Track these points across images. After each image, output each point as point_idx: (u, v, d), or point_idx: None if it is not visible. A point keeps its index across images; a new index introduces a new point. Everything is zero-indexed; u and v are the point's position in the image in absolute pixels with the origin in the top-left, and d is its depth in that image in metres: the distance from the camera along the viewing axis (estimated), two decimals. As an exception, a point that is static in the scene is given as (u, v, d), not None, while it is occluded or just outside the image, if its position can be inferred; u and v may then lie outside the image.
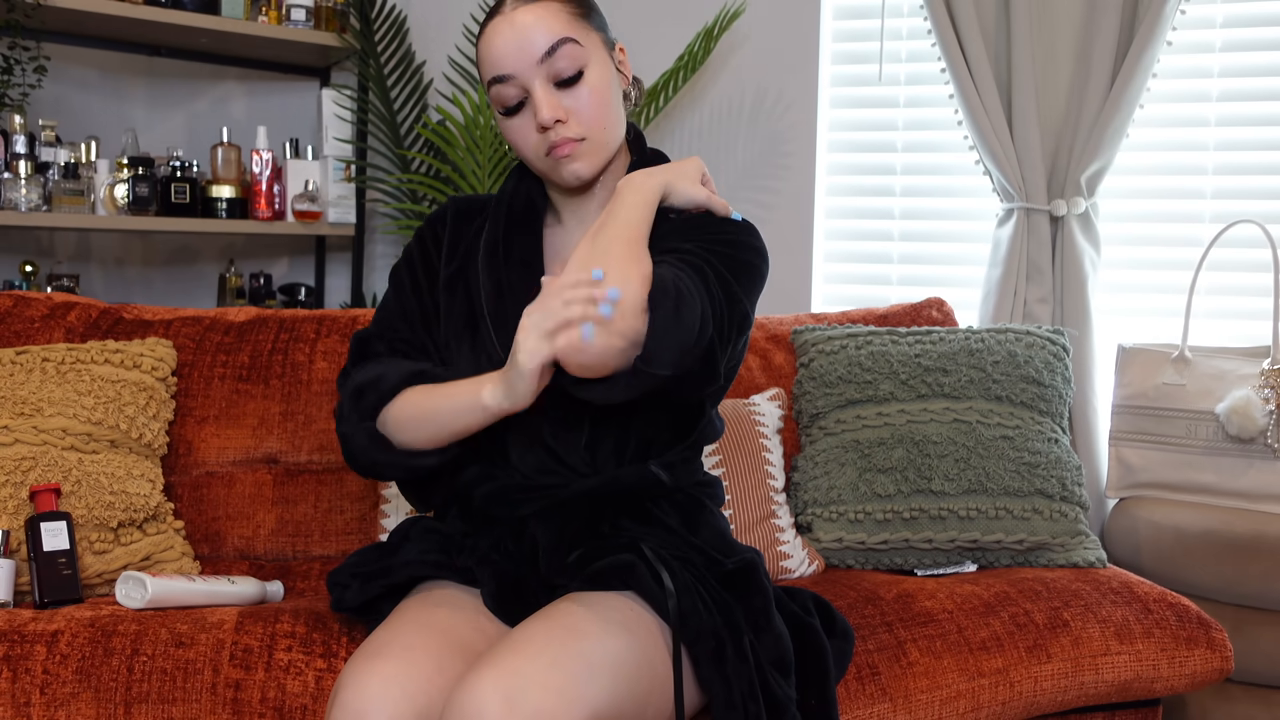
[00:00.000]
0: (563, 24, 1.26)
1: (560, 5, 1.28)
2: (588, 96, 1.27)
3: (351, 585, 1.37)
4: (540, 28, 1.25)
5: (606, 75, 1.30)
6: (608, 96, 1.29)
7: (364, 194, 2.92)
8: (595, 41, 1.30)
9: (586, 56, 1.27)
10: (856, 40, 2.72)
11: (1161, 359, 2.26)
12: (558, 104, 1.26)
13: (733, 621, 1.22)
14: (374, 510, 1.82)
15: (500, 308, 1.33)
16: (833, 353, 1.94)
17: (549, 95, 1.26)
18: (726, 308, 1.22)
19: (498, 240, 1.36)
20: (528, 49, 1.25)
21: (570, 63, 1.26)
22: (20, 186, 2.40)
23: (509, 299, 1.33)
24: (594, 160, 1.30)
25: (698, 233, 1.29)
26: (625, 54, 1.37)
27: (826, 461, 1.86)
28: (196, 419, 1.83)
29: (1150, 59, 2.35)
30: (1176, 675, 1.58)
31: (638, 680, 1.13)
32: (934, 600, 1.60)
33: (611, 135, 1.31)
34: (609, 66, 1.31)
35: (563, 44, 1.26)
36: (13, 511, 1.53)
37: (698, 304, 1.17)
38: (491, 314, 1.33)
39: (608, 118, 1.30)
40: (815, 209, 2.75)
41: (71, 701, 1.30)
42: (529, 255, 1.35)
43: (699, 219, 1.32)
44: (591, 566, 1.24)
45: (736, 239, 1.29)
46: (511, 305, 1.32)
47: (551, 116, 1.26)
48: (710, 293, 1.20)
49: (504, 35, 1.26)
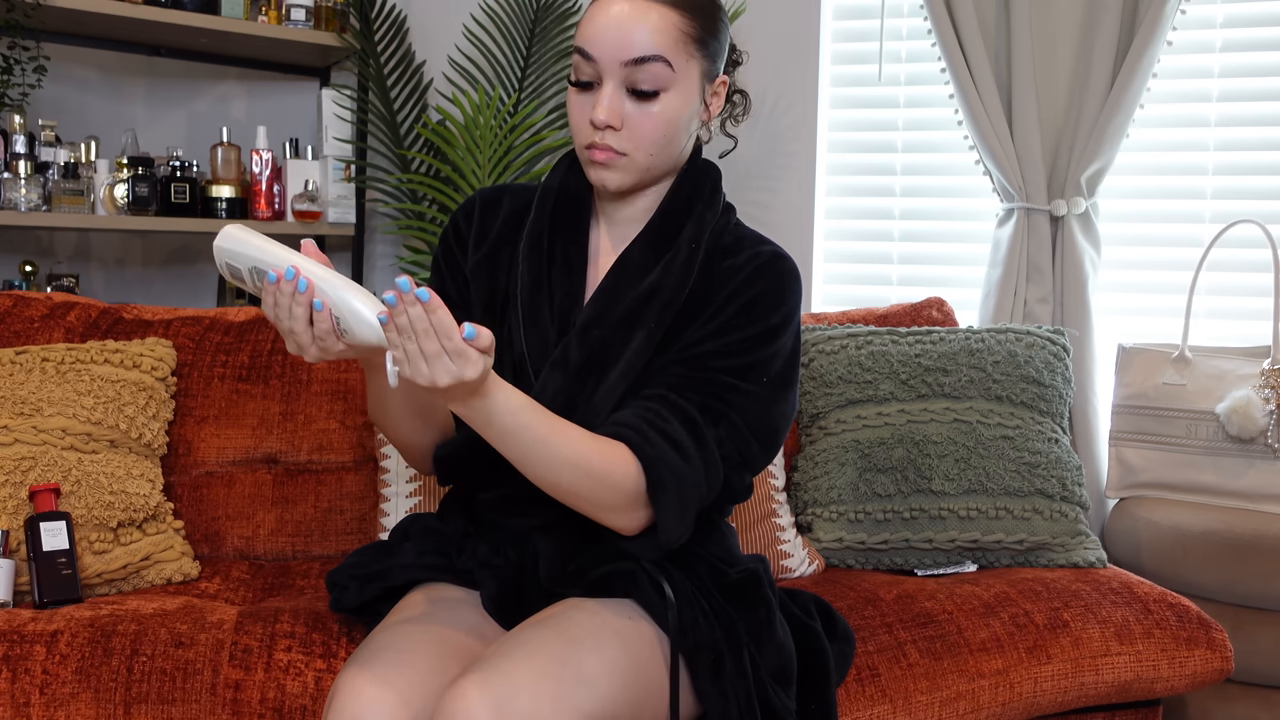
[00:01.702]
0: (668, 40, 1.20)
1: (680, 17, 1.21)
2: (652, 119, 1.22)
3: (350, 586, 1.37)
4: (644, 32, 1.19)
5: (684, 107, 1.24)
6: (674, 127, 1.24)
7: (364, 194, 2.92)
8: (692, 71, 1.23)
9: (672, 82, 1.21)
10: (856, 40, 2.72)
11: (1161, 359, 2.26)
12: (619, 110, 1.21)
13: (733, 634, 1.22)
14: (374, 510, 1.82)
15: (534, 301, 1.30)
16: (833, 353, 1.94)
17: (616, 98, 1.21)
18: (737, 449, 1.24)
19: (542, 234, 1.32)
20: (621, 46, 1.19)
21: (652, 81, 1.21)
22: (20, 186, 2.40)
23: (544, 295, 1.30)
24: (626, 177, 1.25)
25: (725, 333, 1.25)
26: (726, 86, 1.30)
27: (827, 461, 1.86)
28: (196, 419, 1.83)
29: (1150, 59, 2.35)
30: (1177, 676, 1.58)
31: (632, 690, 1.12)
32: (934, 601, 1.60)
33: (658, 162, 1.26)
34: (693, 99, 1.24)
35: (654, 60, 1.19)
36: (12, 511, 1.53)
37: (697, 481, 1.19)
38: (524, 305, 1.30)
39: (662, 146, 1.24)
40: (815, 209, 2.74)
41: (71, 702, 1.30)
42: (572, 255, 1.32)
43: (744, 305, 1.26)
44: (592, 573, 1.23)
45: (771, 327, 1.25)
46: (545, 301, 1.30)
47: (606, 119, 1.21)
48: (708, 465, 1.21)
49: (610, 17, 1.20)
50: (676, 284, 1.26)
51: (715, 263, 1.29)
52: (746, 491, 1.33)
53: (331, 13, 2.78)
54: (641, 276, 1.27)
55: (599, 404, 1.25)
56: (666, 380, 1.23)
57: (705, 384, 1.22)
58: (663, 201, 1.31)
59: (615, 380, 1.25)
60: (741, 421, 1.23)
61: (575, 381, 1.25)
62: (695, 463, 1.18)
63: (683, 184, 1.31)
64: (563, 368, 1.25)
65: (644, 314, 1.25)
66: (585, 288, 1.32)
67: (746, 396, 1.23)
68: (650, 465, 1.16)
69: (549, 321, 1.29)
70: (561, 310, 1.29)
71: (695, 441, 1.19)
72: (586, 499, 1.16)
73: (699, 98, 1.26)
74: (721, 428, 1.22)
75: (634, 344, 1.25)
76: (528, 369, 1.28)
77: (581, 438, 1.14)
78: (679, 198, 1.30)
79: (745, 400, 1.23)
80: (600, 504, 1.17)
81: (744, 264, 1.28)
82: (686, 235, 1.28)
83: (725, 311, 1.25)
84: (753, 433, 1.24)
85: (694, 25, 1.22)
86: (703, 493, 1.20)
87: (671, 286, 1.25)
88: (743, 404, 1.23)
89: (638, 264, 1.28)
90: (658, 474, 1.16)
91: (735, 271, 1.27)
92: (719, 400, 1.22)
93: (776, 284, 1.27)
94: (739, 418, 1.22)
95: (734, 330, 1.24)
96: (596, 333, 1.26)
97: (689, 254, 1.27)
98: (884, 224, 2.73)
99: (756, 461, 1.27)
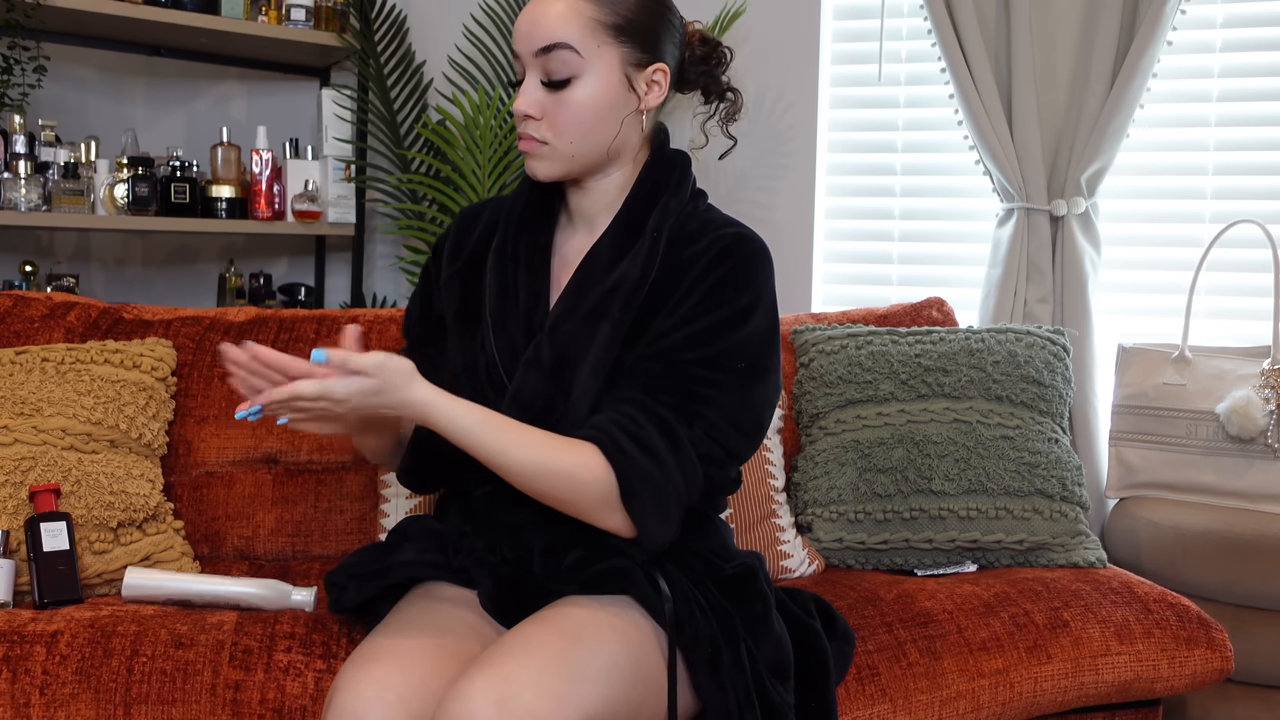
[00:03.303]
0: (573, 28, 1.23)
1: (588, 4, 1.24)
2: (566, 107, 1.24)
3: (349, 586, 1.37)
4: (550, 22, 1.23)
5: (602, 95, 1.25)
6: (590, 113, 1.25)
7: (364, 194, 2.92)
8: (607, 56, 1.24)
9: (583, 67, 1.24)
10: (856, 40, 2.72)
11: (1161, 359, 2.26)
12: (535, 100, 1.25)
13: (730, 628, 1.22)
14: (374, 510, 1.82)
15: (501, 308, 1.32)
16: (833, 353, 1.94)
17: (533, 89, 1.26)
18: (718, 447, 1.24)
19: (507, 240, 1.35)
20: (532, 38, 1.24)
21: (562, 68, 1.24)
22: (20, 186, 2.40)
23: (510, 300, 1.32)
24: (552, 166, 1.28)
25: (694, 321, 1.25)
26: (666, 75, 1.29)
27: (826, 461, 1.86)
28: (196, 419, 1.83)
29: (1150, 59, 2.35)
30: (1177, 675, 1.58)
31: (631, 685, 1.12)
32: (934, 601, 1.60)
33: (583, 149, 1.27)
34: (613, 85, 1.25)
35: (559, 48, 1.23)
36: (12, 511, 1.53)
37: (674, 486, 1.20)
38: (493, 314, 1.32)
39: (584, 133, 1.26)
40: (815, 209, 2.74)
41: (71, 702, 1.30)
42: (535, 258, 1.34)
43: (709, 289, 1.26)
44: (588, 570, 1.24)
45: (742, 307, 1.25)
46: (512, 307, 1.31)
47: (522, 110, 1.25)
48: (685, 469, 1.21)
49: (526, 14, 1.26)
50: (639, 274, 1.27)
51: (679, 249, 1.29)
52: (734, 484, 1.34)
53: (331, 13, 2.78)
54: (610, 270, 1.29)
55: (577, 400, 1.25)
56: (640, 381, 1.23)
57: (678, 381, 1.22)
58: (629, 193, 1.32)
59: (587, 375, 1.25)
60: (719, 416, 1.23)
61: (550, 380, 1.26)
62: (670, 468, 1.19)
63: (648, 175, 1.32)
64: (536, 366, 1.27)
65: (609, 306, 1.26)
66: (550, 287, 1.33)
67: (722, 390, 1.23)
68: (622, 473, 1.18)
69: (516, 324, 1.30)
70: (526, 310, 1.31)
71: (670, 446, 1.20)
72: (565, 501, 1.20)
73: (623, 85, 1.27)
74: (697, 427, 1.22)
75: (600, 336, 1.26)
76: (499, 372, 1.30)
77: (544, 440, 1.19)
78: (644, 187, 1.32)
79: (721, 394, 1.23)
80: (579, 506, 1.20)
81: (706, 248, 1.28)
82: (651, 225, 1.29)
83: (691, 297, 1.25)
84: (733, 425, 1.24)
85: (606, 12, 1.24)
86: (682, 495, 1.21)
87: (634, 277, 1.27)
88: (719, 399, 1.23)
89: (606, 258, 1.30)
90: (629, 482, 1.18)
91: (698, 257, 1.28)
92: (693, 399, 1.22)
93: (742, 264, 1.27)
94: (716, 413, 1.22)
95: (702, 316, 1.24)
96: (566, 328, 1.27)
97: (652, 243, 1.28)
98: (884, 224, 2.73)
99: (741, 452, 1.26)
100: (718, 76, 1.39)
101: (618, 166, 1.32)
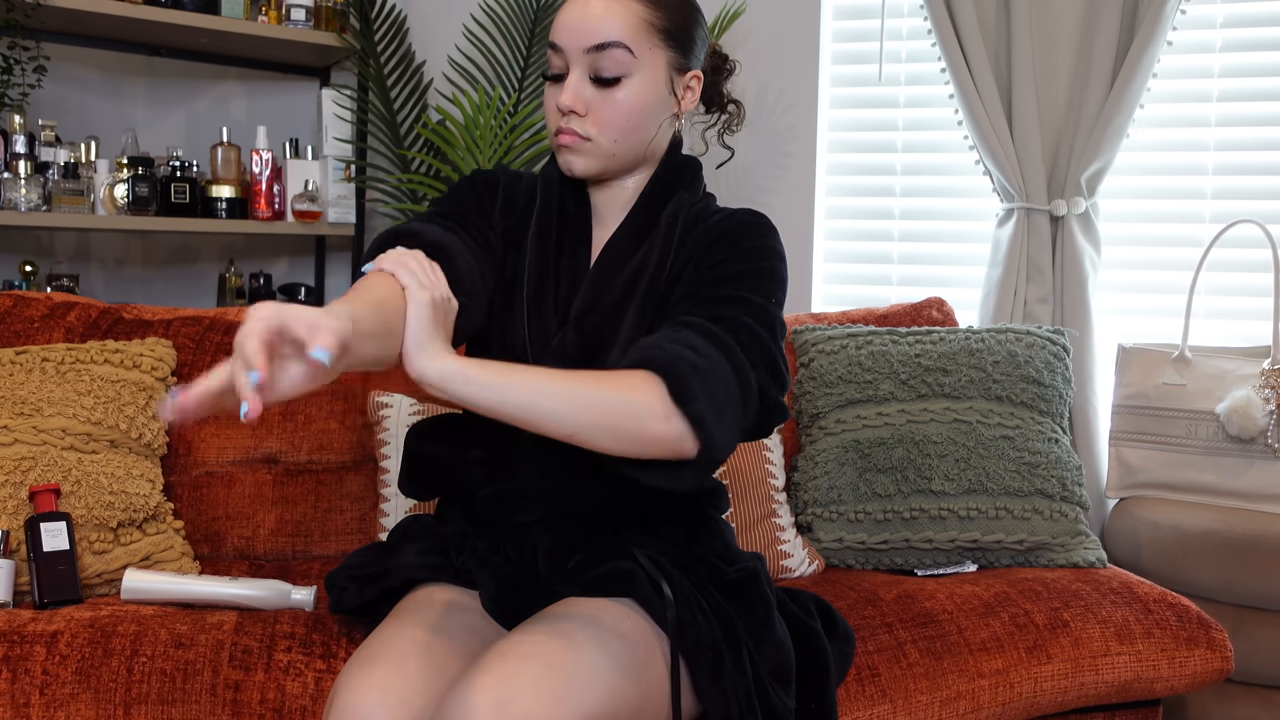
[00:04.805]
0: (629, 27, 1.24)
1: (643, 7, 1.25)
2: (615, 105, 1.26)
3: (349, 587, 1.37)
4: (605, 20, 1.24)
5: (649, 95, 1.27)
6: (638, 113, 1.27)
7: (364, 194, 2.92)
8: (657, 60, 1.27)
9: (635, 68, 1.25)
10: (856, 40, 2.72)
11: (1161, 359, 2.26)
12: (583, 97, 1.26)
13: (732, 633, 1.22)
14: (374, 510, 1.82)
15: (540, 290, 1.32)
16: (833, 352, 1.94)
17: (581, 84, 1.26)
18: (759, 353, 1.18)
19: (550, 223, 1.34)
20: (583, 34, 1.24)
21: (614, 66, 1.25)
22: (20, 186, 2.40)
23: (550, 284, 1.32)
24: (591, 163, 1.29)
25: (714, 267, 1.25)
26: (700, 81, 1.33)
27: (826, 461, 1.86)
28: (196, 419, 1.83)
29: (1150, 59, 2.35)
30: (1177, 675, 1.58)
31: (632, 689, 1.12)
32: (934, 601, 1.60)
33: (625, 148, 1.29)
34: (659, 88, 1.28)
35: (614, 47, 1.24)
36: (12, 511, 1.53)
37: (725, 378, 1.12)
38: (530, 296, 1.32)
39: (626, 132, 1.27)
40: (815, 209, 2.74)
41: (71, 702, 1.30)
42: (578, 249, 1.34)
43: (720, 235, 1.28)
44: (591, 572, 1.23)
45: (756, 246, 1.26)
46: (551, 291, 1.32)
47: (570, 105, 1.25)
48: (734, 363, 1.14)
49: (574, 10, 1.26)
50: (659, 259, 1.29)
51: (693, 233, 1.31)
52: (783, 412, 1.24)
53: (331, 13, 2.78)
54: (627, 259, 1.30)
55: None
56: (669, 318, 1.22)
57: (708, 299, 1.21)
58: (644, 190, 1.34)
59: (616, 359, 1.26)
60: (754, 323, 1.18)
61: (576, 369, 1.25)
62: (715, 358, 1.13)
63: (663, 175, 1.35)
64: (561, 356, 1.27)
65: (633, 292, 1.28)
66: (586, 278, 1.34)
67: (750, 307, 1.19)
68: (667, 370, 1.10)
69: (552, 311, 1.31)
70: (566, 300, 1.32)
71: (712, 342, 1.14)
72: (613, 426, 1.08)
73: (666, 88, 1.29)
74: (740, 333, 1.17)
75: (627, 321, 1.27)
76: (528, 357, 1.29)
77: (577, 374, 1.10)
78: (659, 186, 1.34)
79: (750, 310, 1.19)
80: (628, 427, 1.08)
81: (717, 222, 1.31)
82: (666, 214, 1.32)
83: (709, 257, 1.27)
84: (769, 332, 1.20)
85: (658, 15, 1.26)
86: (733, 388, 1.13)
87: (654, 262, 1.29)
88: (749, 312, 1.19)
89: (623, 249, 1.31)
90: (677, 376, 1.10)
91: (710, 230, 1.30)
92: (728, 305, 1.19)
93: (753, 222, 1.29)
94: (751, 320, 1.18)
95: (722, 264, 1.24)
96: (593, 319, 1.28)
97: (668, 229, 1.31)
98: (884, 224, 2.73)
99: (780, 368, 1.20)
100: (722, 88, 1.43)
101: (643, 168, 1.35)
